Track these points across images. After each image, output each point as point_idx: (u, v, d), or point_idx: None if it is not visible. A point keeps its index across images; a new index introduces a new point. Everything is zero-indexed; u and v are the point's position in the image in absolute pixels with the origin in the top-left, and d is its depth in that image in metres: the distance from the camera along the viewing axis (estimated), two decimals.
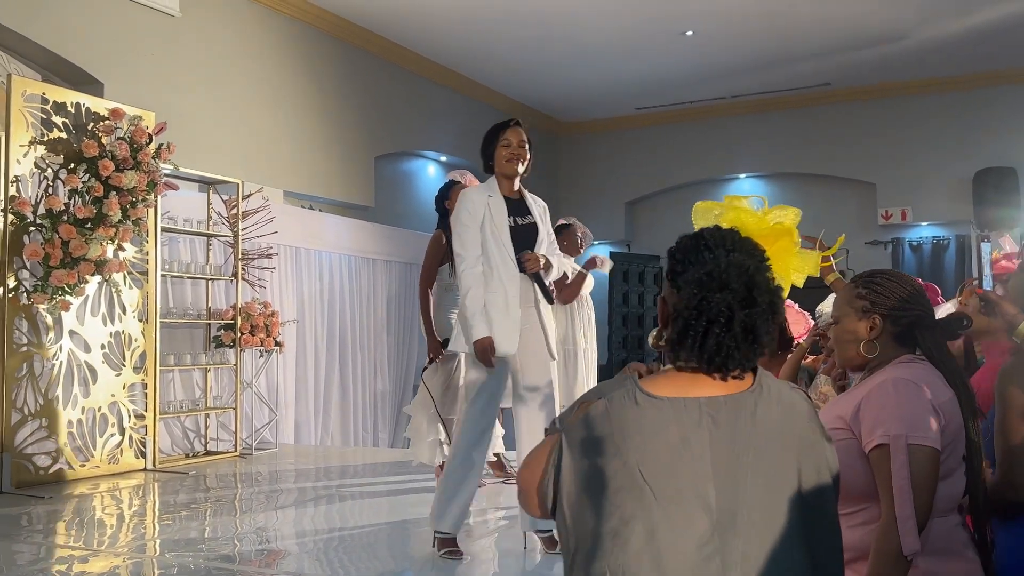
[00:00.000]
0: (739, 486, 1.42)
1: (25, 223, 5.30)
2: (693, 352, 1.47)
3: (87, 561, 3.77)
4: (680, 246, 1.58)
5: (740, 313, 1.45)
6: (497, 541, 4.16)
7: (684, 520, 1.39)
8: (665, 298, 1.58)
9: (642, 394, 1.46)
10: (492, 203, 3.84)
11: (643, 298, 12.47)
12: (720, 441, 1.43)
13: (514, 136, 3.94)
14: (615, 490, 1.40)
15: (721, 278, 1.47)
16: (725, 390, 1.48)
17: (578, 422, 1.46)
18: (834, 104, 11.31)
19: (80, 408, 5.59)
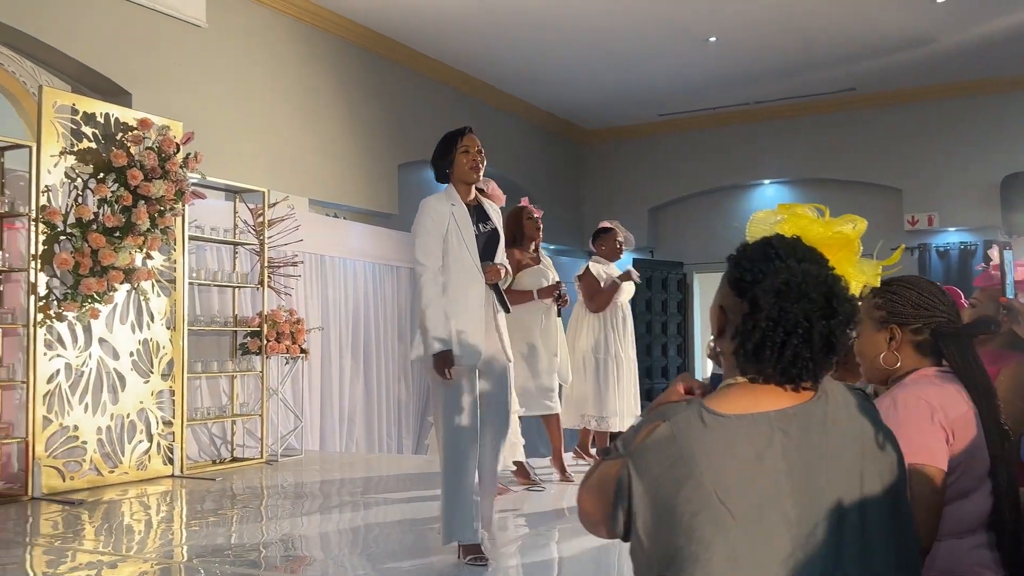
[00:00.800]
0: (817, 497, 1.39)
1: (56, 232, 5.37)
2: (768, 363, 1.43)
3: (116, 567, 3.81)
4: (747, 254, 1.51)
5: (819, 324, 1.42)
6: (521, 549, 4.16)
7: (764, 538, 1.36)
8: (724, 307, 1.52)
9: (709, 414, 1.42)
10: (456, 212, 3.85)
11: (666, 305, 12.43)
12: (793, 454, 1.40)
13: (472, 143, 3.94)
14: (692, 514, 1.37)
15: (800, 288, 1.42)
16: (792, 401, 1.44)
17: (645, 447, 1.43)
18: (859, 109, 11.25)
19: (109, 415, 5.65)
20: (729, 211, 12.39)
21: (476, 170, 3.91)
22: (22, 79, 6.36)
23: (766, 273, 1.45)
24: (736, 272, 1.50)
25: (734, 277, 1.50)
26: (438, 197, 3.92)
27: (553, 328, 5.66)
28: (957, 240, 10.90)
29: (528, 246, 5.72)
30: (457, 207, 3.86)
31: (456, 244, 3.79)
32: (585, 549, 4.23)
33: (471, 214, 3.89)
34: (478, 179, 3.94)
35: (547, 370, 5.60)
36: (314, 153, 8.33)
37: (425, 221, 3.81)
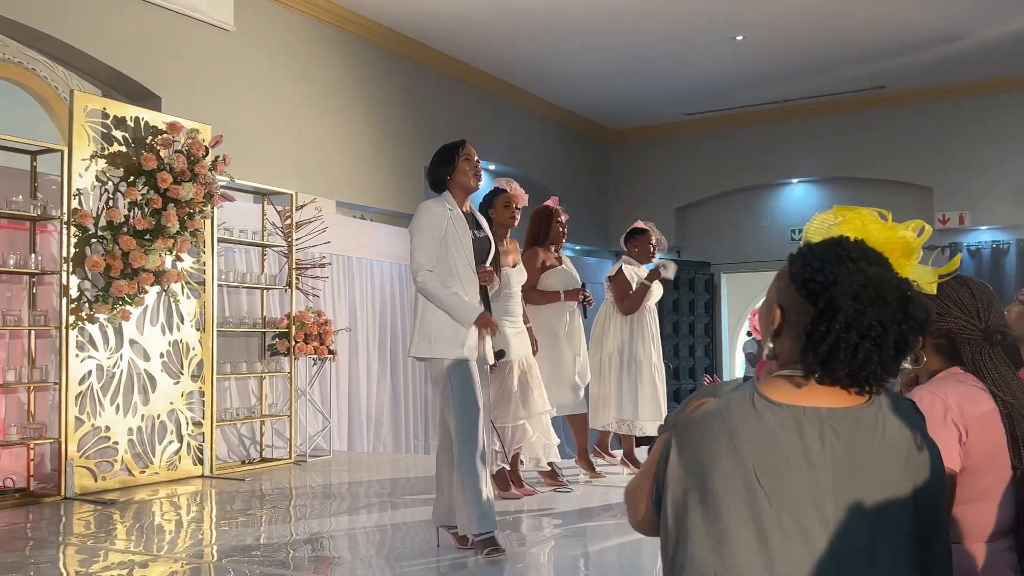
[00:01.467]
0: (858, 501, 1.38)
1: (87, 235, 5.43)
2: (840, 367, 1.41)
3: (147, 566, 3.85)
4: (816, 254, 1.48)
5: (893, 328, 1.40)
6: (553, 549, 4.16)
7: (799, 531, 1.36)
8: (783, 307, 1.50)
9: (760, 398, 1.42)
10: (454, 217, 3.94)
11: (694, 305, 12.38)
12: (842, 455, 1.39)
13: (473, 152, 4.09)
14: (726, 492, 1.37)
15: (877, 291, 1.40)
16: (845, 402, 1.43)
17: (690, 418, 1.43)
18: (889, 107, 11.14)
19: (140, 416, 5.71)
20: (757, 211, 12.31)
21: (478, 177, 4.05)
22: (54, 84, 6.44)
23: (838, 275, 1.42)
24: (805, 272, 1.46)
25: (803, 278, 1.46)
26: (437, 201, 4.01)
27: (577, 329, 5.66)
28: (989, 239, 10.76)
29: (551, 247, 5.70)
30: (454, 212, 3.96)
31: (454, 248, 3.89)
32: (614, 550, 4.22)
33: (467, 221, 4.00)
34: (477, 187, 4.07)
35: (572, 370, 5.60)
36: (340, 155, 8.37)
37: (425, 222, 3.89)
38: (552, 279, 5.60)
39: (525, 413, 5.08)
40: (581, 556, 4.14)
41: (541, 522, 4.68)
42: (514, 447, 5.12)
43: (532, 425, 5.13)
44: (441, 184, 4.06)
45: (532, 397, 5.12)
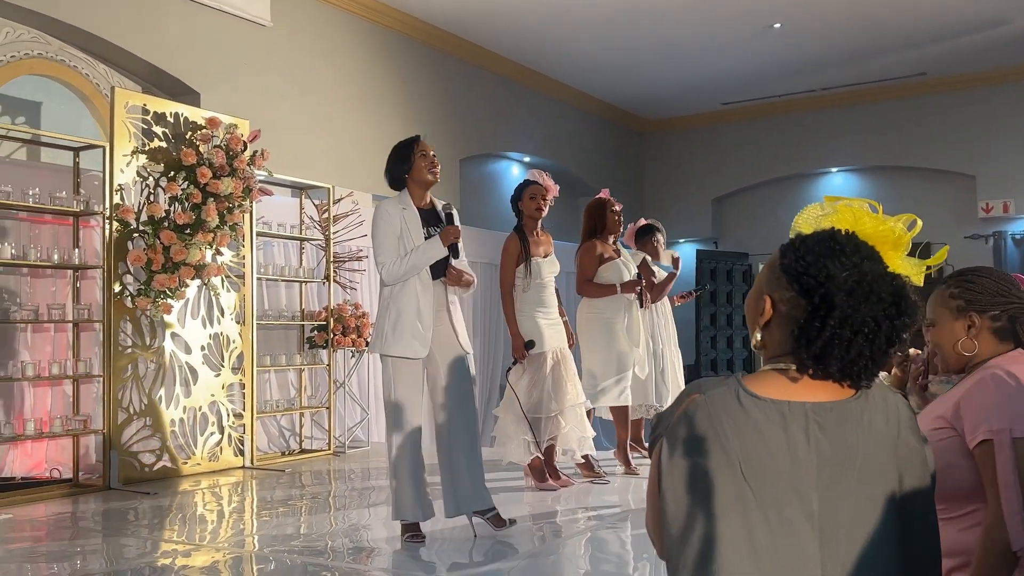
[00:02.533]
0: (843, 495, 1.39)
1: (129, 230, 5.52)
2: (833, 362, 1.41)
3: (190, 555, 3.91)
4: (809, 247, 1.46)
5: (886, 324, 1.41)
6: (589, 540, 4.16)
7: (784, 525, 1.37)
8: (774, 298, 1.48)
9: (745, 393, 1.43)
10: (407, 215, 4.06)
11: (731, 296, 12.28)
12: (826, 448, 1.40)
13: (428, 148, 4.16)
14: (714, 489, 1.38)
15: (871, 287, 1.41)
16: (830, 396, 1.44)
17: (677, 420, 1.44)
18: (930, 94, 10.96)
19: (182, 407, 5.80)
20: (795, 200, 12.18)
21: (433, 172, 4.11)
22: (95, 81, 6.54)
23: (832, 270, 1.42)
24: (799, 266, 1.45)
25: (797, 271, 1.45)
26: (390, 201, 4.13)
27: (636, 321, 5.62)
28: None
29: (607, 239, 5.67)
30: (408, 211, 4.06)
31: (408, 246, 4.01)
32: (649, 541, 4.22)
33: (423, 217, 4.08)
34: (435, 180, 4.13)
35: (624, 363, 5.54)
36: (377, 148, 8.39)
37: (380, 224, 4.03)
38: (609, 272, 5.57)
39: (557, 406, 5.08)
40: (617, 547, 4.14)
41: (577, 513, 4.68)
42: (547, 439, 5.12)
43: (565, 417, 5.13)
44: (399, 181, 4.15)
45: (565, 389, 5.12)
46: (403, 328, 3.95)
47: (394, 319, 3.97)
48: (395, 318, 3.97)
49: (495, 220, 9.85)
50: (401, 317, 3.96)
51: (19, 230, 5.54)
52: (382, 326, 4.01)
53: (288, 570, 3.66)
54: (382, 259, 3.98)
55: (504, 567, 3.68)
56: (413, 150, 4.12)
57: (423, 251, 3.97)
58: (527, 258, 5.13)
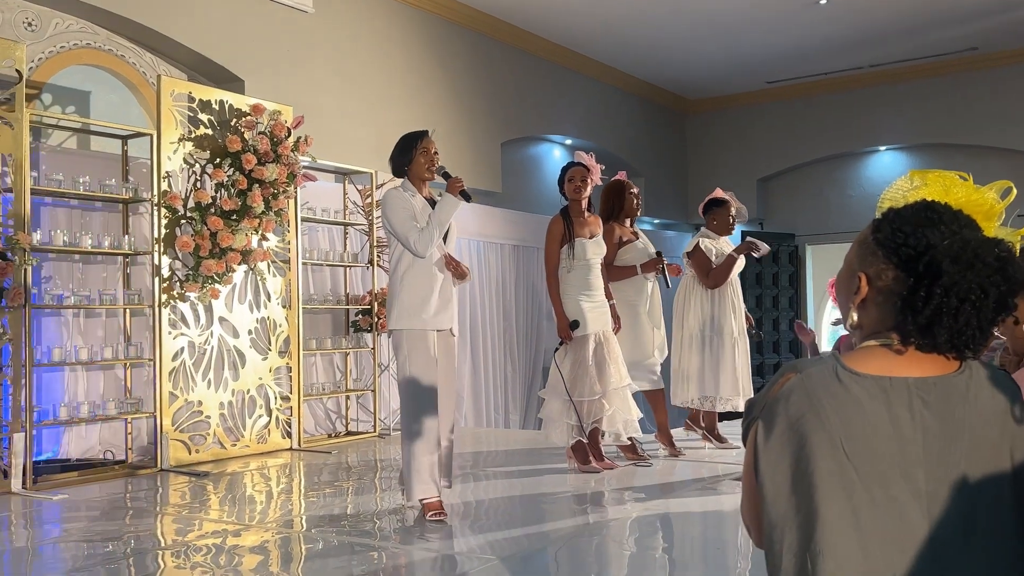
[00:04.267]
0: (952, 472, 1.34)
1: (176, 216, 5.61)
2: (941, 333, 1.37)
3: (239, 535, 3.98)
4: (904, 219, 1.42)
5: (993, 291, 1.36)
6: (635, 521, 4.16)
7: (890, 504, 1.33)
8: (869, 275, 1.43)
9: (844, 371, 1.38)
10: (416, 202, 4.19)
11: (778, 278, 12.16)
12: (932, 425, 1.35)
13: (430, 145, 4.30)
14: (816, 468, 1.34)
15: (976, 253, 1.35)
16: (934, 370, 1.39)
17: (774, 399, 1.40)
18: (982, 70, 10.70)
19: (230, 391, 5.89)
20: (842, 180, 12.00)
21: (431, 171, 4.26)
22: (142, 70, 6.64)
23: (932, 240, 1.37)
24: (897, 238, 1.40)
25: (895, 243, 1.40)
26: (397, 188, 4.26)
27: (657, 303, 5.61)
28: None
29: (625, 221, 5.66)
30: (416, 198, 4.22)
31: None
32: (697, 522, 4.21)
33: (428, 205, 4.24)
34: (432, 178, 4.29)
35: (651, 345, 5.56)
36: None
37: (394, 206, 4.14)
38: (629, 254, 5.57)
39: (601, 388, 5.08)
40: (662, 528, 4.14)
41: (622, 495, 4.68)
42: (591, 421, 5.12)
43: (609, 399, 5.12)
44: (400, 171, 4.31)
45: (608, 372, 5.11)
46: (420, 303, 4.09)
47: (409, 295, 4.10)
48: (410, 294, 4.10)
49: (537, 203, 9.84)
50: (417, 293, 4.09)
51: (71, 217, 5.66)
52: (397, 304, 4.12)
53: (335, 550, 3.71)
54: (407, 234, 4.08)
55: (550, 549, 3.70)
56: (416, 145, 4.26)
57: (440, 209, 4.12)
58: (571, 239, 5.11)
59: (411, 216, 4.11)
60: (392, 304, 4.15)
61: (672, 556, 3.77)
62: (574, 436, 5.10)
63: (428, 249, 4.08)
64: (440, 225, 4.11)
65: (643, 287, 5.56)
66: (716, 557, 3.73)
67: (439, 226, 4.10)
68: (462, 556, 3.64)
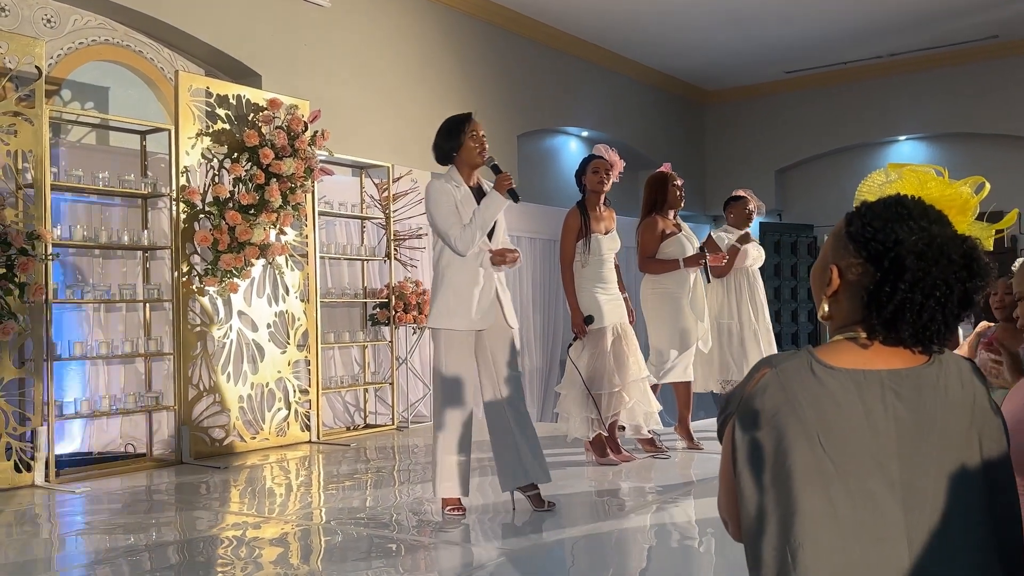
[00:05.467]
0: (925, 462, 1.37)
1: (195, 211, 5.64)
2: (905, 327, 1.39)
3: (259, 527, 4.01)
4: (876, 213, 1.44)
5: (958, 287, 1.39)
6: (653, 515, 4.16)
7: (866, 495, 1.35)
8: (840, 267, 1.46)
9: (819, 364, 1.41)
10: (459, 193, 4.00)
11: (796, 269, 12.09)
12: (905, 416, 1.38)
13: (478, 128, 4.10)
14: (793, 462, 1.36)
15: (941, 249, 1.38)
16: (904, 363, 1.42)
17: (750, 395, 1.42)
18: (1003, 58, 10.59)
19: (249, 384, 5.92)
20: (861, 170, 11.81)
21: (482, 155, 4.05)
22: (160, 65, 6.67)
23: (901, 235, 1.39)
24: (866, 232, 1.43)
25: (864, 237, 1.43)
26: (441, 178, 4.08)
27: (700, 296, 5.57)
28: None
29: (668, 213, 5.61)
30: (460, 188, 4.03)
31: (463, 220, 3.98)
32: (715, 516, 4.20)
33: (473, 195, 4.05)
34: (482, 163, 4.07)
35: (689, 338, 5.51)
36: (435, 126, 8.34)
37: (437, 199, 3.98)
38: (671, 247, 5.51)
39: (620, 380, 5.07)
40: (681, 521, 4.13)
41: (641, 488, 4.68)
42: (610, 414, 5.12)
43: (628, 392, 5.12)
44: (447, 158, 4.10)
45: (627, 364, 5.10)
46: (458, 301, 3.95)
47: (450, 293, 3.97)
48: (451, 292, 3.97)
49: (553, 196, 9.82)
50: (455, 291, 3.96)
51: (90, 213, 5.70)
52: (438, 301, 4.00)
53: (355, 542, 3.73)
54: (448, 231, 3.93)
55: (568, 542, 3.70)
56: (464, 129, 4.08)
57: (484, 208, 3.95)
58: (587, 234, 5.09)
59: (453, 210, 3.95)
60: (433, 300, 4.04)
61: (691, 549, 3.76)
62: (593, 429, 5.09)
63: (469, 249, 3.94)
64: (483, 226, 3.95)
65: (685, 279, 5.52)
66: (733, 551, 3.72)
67: (482, 228, 3.95)
68: (479, 549, 3.65)
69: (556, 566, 3.51)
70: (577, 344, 5.12)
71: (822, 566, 1.32)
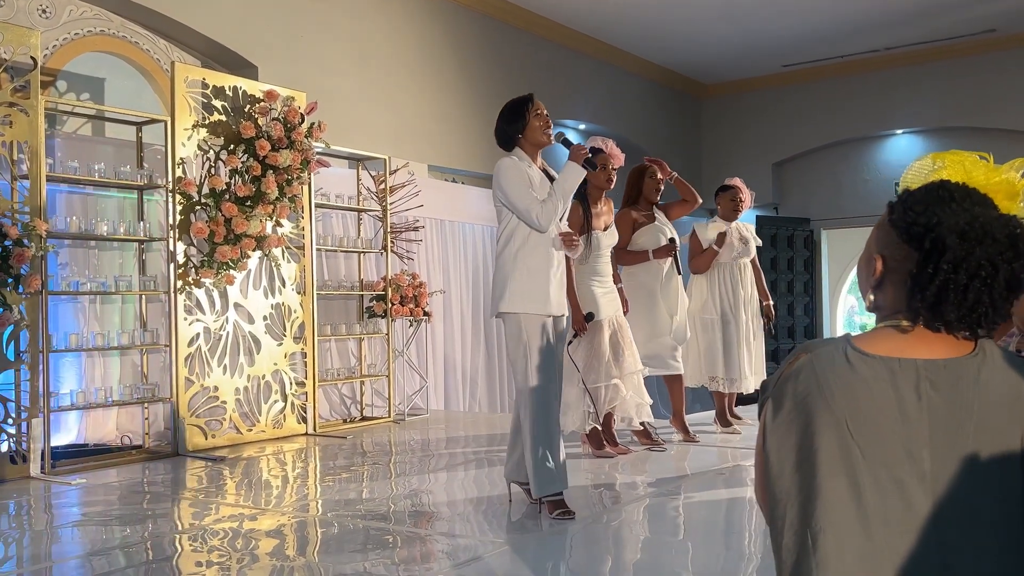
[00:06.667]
0: (958, 455, 1.34)
1: (191, 202, 5.62)
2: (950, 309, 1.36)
3: (256, 519, 4.00)
4: (918, 198, 1.42)
5: (1004, 267, 1.35)
6: (648, 507, 4.17)
7: (894, 485, 1.33)
8: (885, 256, 1.44)
9: (854, 351, 1.39)
10: (532, 174, 3.85)
11: (792, 263, 12.10)
12: (939, 407, 1.35)
13: (542, 107, 3.94)
14: (820, 448, 1.35)
15: (984, 228, 1.35)
16: (946, 352, 1.38)
17: (784, 379, 1.42)
18: (1000, 51, 10.59)
19: (246, 376, 5.92)
20: (858, 164, 11.92)
21: (547, 133, 3.92)
22: (156, 56, 6.64)
23: (942, 216, 1.37)
24: (908, 217, 1.40)
25: (905, 222, 1.40)
26: (511, 158, 3.91)
27: (674, 288, 5.58)
28: None
29: (643, 205, 5.64)
30: (532, 169, 3.88)
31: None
32: (708, 508, 4.21)
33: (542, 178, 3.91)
34: (549, 142, 3.95)
35: (668, 329, 5.55)
36: (432, 119, 8.42)
37: (511, 176, 3.80)
38: (643, 238, 5.55)
39: (618, 372, 5.07)
40: (675, 514, 4.14)
41: (636, 481, 4.69)
42: (607, 407, 5.12)
43: (625, 384, 5.12)
44: (511, 141, 3.95)
45: (624, 356, 5.10)
46: (534, 284, 3.77)
47: (525, 276, 3.77)
48: (526, 275, 3.77)
49: None
50: (531, 273, 3.77)
51: (86, 204, 5.68)
52: (512, 284, 3.78)
53: (351, 534, 3.73)
54: (528, 207, 3.74)
55: (565, 533, 3.71)
56: (527, 108, 3.91)
57: (563, 179, 3.79)
58: (588, 231, 5.07)
59: (529, 187, 3.77)
60: (505, 285, 3.79)
61: (686, 541, 3.77)
62: (590, 423, 5.10)
63: (552, 223, 3.76)
64: (565, 196, 3.77)
65: (658, 271, 5.55)
66: (729, 542, 3.73)
67: (564, 197, 3.77)
68: (477, 541, 3.65)
69: (553, 558, 3.51)
70: (575, 341, 5.11)
71: (843, 553, 1.31)
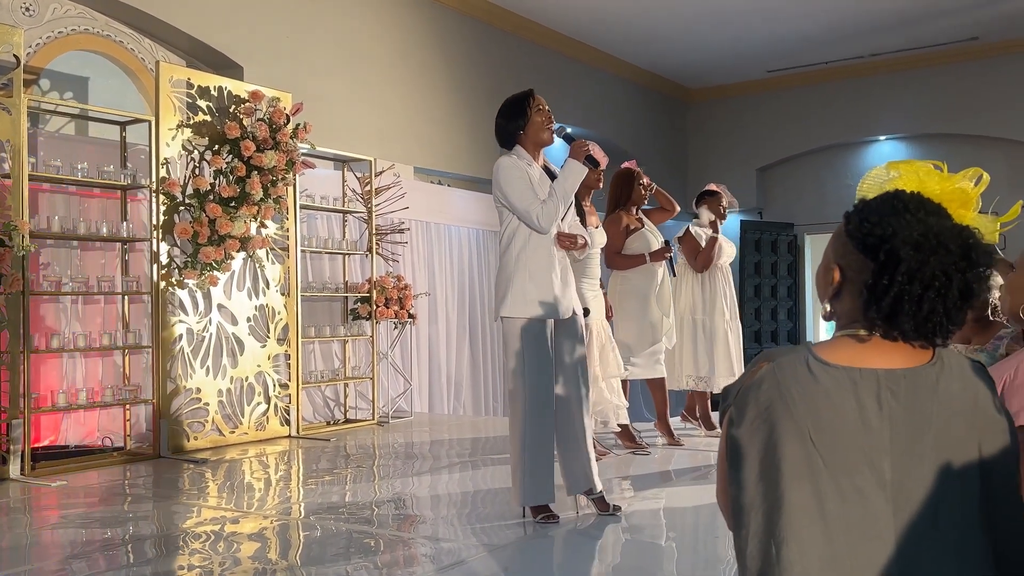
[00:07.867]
0: (918, 463, 1.35)
1: (175, 203, 5.59)
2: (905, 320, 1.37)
3: (238, 522, 3.98)
4: (873, 209, 1.44)
5: (957, 277, 1.36)
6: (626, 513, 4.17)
7: (856, 493, 1.34)
8: (842, 266, 1.45)
9: (815, 360, 1.40)
10: (532, 172, 3.77)
11: (776, 267, 12.15)
12: (899, 416, 1.36)
13: (543, 102, 3.84)
14: (783, 457, 1.36)
15: (938, 239, 1.36)
16: (904, 363, 1.40)
17: (745, 389, 1.42)
18: (982, 59, 10.68)
19: (229, 378, 5.89)
20: (841, 170, 11.98)
21: (549, 130, 3.83)
22: (140, 56, 6.61)
23: (897, 227, 1.38)
24: (863, 228, 1.42)
25: (861, 233, 1.42)
26: (511, 157, 3.83)
27: (666, 291, 5.61)
28: None
29: (632, 209, 5.66)
30: (532, 168, 3.80)
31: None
32: (690, 512, 4.22)
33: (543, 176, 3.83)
34: (551, 141, 3.85)
35: (657, 333, 5.55)
36: (418, 121, 8.41)
37: (511, 175, 3.72)
38: (636, 242, 5.57)
39: (602, 373, 5.08)
40: (657, 518, 4.15)
41: (620, 484, 4.69)
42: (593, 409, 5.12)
43: (608, 386, 5.13)
44: (511, 139, 3.87)
45: (609, 359, 5.11)
46: (536, 287, 3.68)
47: (527, 279, 3.69)
48: (528, 278, 3.69)
49: None
50: (532, 276, 3.69)
51: (69, 204, 5.64)
52: (513, 288, 3.70)
53: (334, 537, 3.72)
54: (528, 207, 3.65)
55: (548, 537, 3.71)
56: (529, 104, 3.82)
57: (564, 178, 3.70)
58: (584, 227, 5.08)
59: (530, 186, 3.68)
60: (507, 288, 3.71)
61: (668, 545, 3.77)
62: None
63: (552, 224, 3.67)
64: (565, 196, 3.68)
65: (652, 274, 5.57)
66: (711, 547, 3.74)
67: (564, 198, 3.67)
68: (460, 545, 3.65)
69: (536, 561, 3.51)
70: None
71: (806, 561, 1.32)
